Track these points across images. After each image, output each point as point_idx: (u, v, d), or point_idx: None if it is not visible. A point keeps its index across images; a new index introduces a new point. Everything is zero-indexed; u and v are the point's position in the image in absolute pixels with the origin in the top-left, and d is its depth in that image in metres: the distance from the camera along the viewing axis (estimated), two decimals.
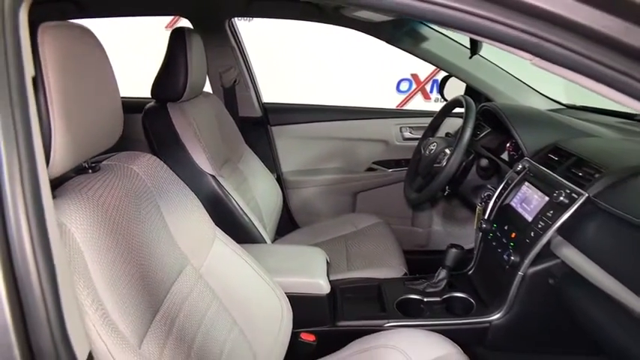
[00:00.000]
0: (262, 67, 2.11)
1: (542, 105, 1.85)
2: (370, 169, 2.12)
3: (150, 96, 1.42)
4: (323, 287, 1.23)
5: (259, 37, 2.24)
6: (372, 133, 2.09)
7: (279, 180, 2.06)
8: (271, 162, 2.04)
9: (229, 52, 1.84)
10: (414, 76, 4.28)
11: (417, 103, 4.33)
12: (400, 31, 1.77)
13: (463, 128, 1.41)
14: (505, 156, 1.62)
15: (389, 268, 1.51)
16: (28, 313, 0.42)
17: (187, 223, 0.99)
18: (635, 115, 1.62)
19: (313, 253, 1.36)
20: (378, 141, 2.09)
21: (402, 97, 4.34)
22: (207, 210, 1.04)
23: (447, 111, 1.72)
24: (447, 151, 1.50)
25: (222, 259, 1.05)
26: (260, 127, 2.02)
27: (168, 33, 1.41)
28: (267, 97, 2.11)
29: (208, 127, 1.51)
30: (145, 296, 0.79)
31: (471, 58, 1.61)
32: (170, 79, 1.36)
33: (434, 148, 1.57)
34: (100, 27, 1.11)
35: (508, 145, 1.62)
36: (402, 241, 1.74)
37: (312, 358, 1.16)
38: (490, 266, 1.35)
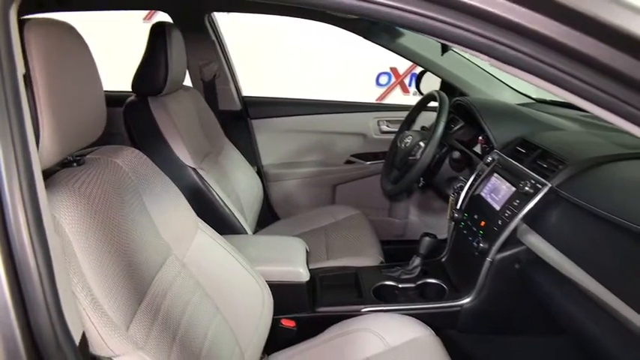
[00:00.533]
0: (241, 61, 2.14)
1: (513, 99, 1.92)
2: (349, 162, 2.17)
3: (129, 89, 1.43)
4: (302, 275, 1.28)
5: (238, 30, 2.26)
6: (351, 127, 2.14)
7: (260, 173, 2.09)
8: (251, 155, 2.07)
9: (209, 46, 1.86)
10: (393, 69, 4.34)
11: (396, 97, 4.40)
12: (377, 27, 1.82)
13: (437, 122, 1.47)
14: (478, 149, 1.68)
15: (366, 257, 1.56)
16: (27, 295, 0.46)
17: (170, 215, 1.02)
18: None
19: (293, 243, 1.41)
20: (357, 134, 2.14)
21: (382, 90, 4.40)
22: (188, 202, 1.07)
23: (422, 105, 1.77)
24: (422, 144, 1.56)
25: (204, 249, 1.09)
26: (240, 120, 2.05)
27: (145, 25, 1.43)
28: (247, 91, 2.14)
29: (189, 121, 1.54)
30: (131, 284, 0.82)
31: (442, 55, 1.67)
32: (150, 73, 1.38)
33: (409, 141, 1.62)
34: (77, 18, 1.12)
35: (480, 138, 1.69)
36: (379, 231, 1.80)
37: (293, 343, 1.21)
38: (462, 253, 1.42)
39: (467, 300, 1.29)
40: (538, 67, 0.51)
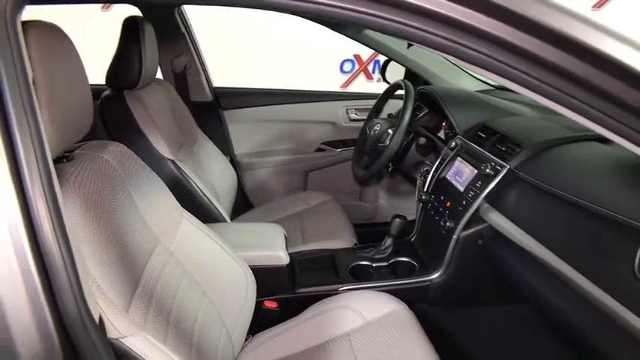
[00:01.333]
0: (208, 52, 2.15)
1: (473, 86, 2.03)
2: (319, 150, 2.24)
3: (98, 82, 1.44)
4: (283, 259, 1.35)
5: (201, 20, 2.26)
6: (320, 115, 2.20)
7: (233, 162, 2.13)
8: (224, 145, 2.10)
9: (180, 38, 1.87)
10: (357, 57, 4.40)
11: (360, 83, 4.47)
12: None
13: (403, 110, 1.55)
14: (441, 134, 1.78)
15: (340, 240, 1.64)
16: (54, 281, 0.50)
17: (156, 206, 1.07)
18: None
19: (272, 229, 1.47)
20: (326, 123, 2.21)
21: (346, 77, 4.46)
22: None
23: (388, 94, 1.86)
24: (390, 131, 1.64)
25: (189, 237, 1.14)
26: (212, 111, 2.08)
27: (105, 14, 1.43)
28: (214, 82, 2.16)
29: (163, 113, 1.56)
30: (126, 273, 0.86)
31: (408, 48, 1.75)
32: (125, 67, 1.40)
33: (378, 128, 1.71)
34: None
35: (444, 124, 1.79)
36: (351, 215, 1.88)
37: (276, 323, 1.28)
38: (429, 232, 1.52)
39: (436, 275, 1.39)
40: (496, 65, 0.60)
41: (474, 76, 2.07)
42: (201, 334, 1.04)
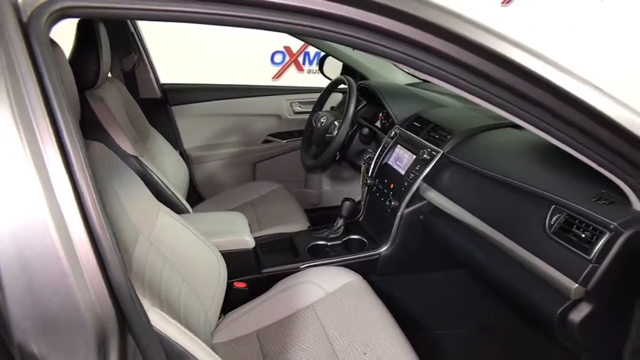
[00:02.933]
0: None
1: (404, 80, 2.25)
2: (266, 141, 2.36)
3: None
4: (249, 242, 1.47)
5: None
6: (266, 109, 2.32)
7: (183, 156, 2.20)
8: (173, 139, 2.16)
9: (129, 37, 1.90)
10: (287, 48, 4.49)
11: (292, 75, 4.58)
12: None
13: (348, 104, 1.72)
14: (378, 124, 1.98)
15: (295, 224, 1.80)
16: (105, 259, 0.61)
17: (136, 200, 1.15)
18: None
19: (235, 216, 1.59)
20: (272, 115, 2.33)
21: (277, 68, 4.55)
22: None
23: (331, 88, 2.02)
24: (336, 123, 1.81)
25: (167, 228, 1.23)
26: (161, 107, 2.13)
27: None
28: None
29: (120, 111, 1.61)
30: None
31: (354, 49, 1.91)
32: (85, 68, 1.43)
33: (324, 120, 1.87)
34: None
35: (380, 115, 1.99)
36: (297, 202, 2.04)
37: (245, 302, 1.41)
38: (376, 212, 1.71)
39: (383, 249, 1.59)
40: (396, 56, 0.77)
41: (404, 71, 2.29)
42: (185, 315, 1.15)
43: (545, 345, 1.37)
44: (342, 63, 2.26)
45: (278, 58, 4.58)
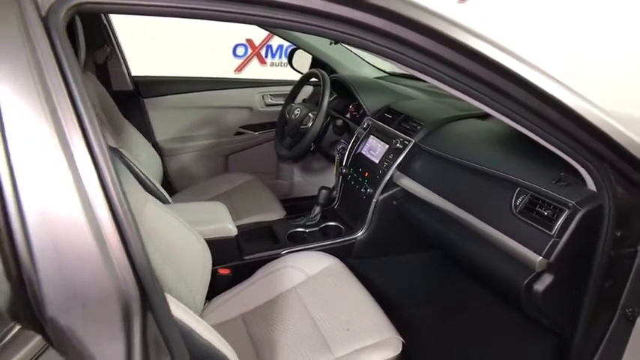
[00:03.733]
0: None
1: (372, 73, 2.33)
2: (239, 133, 2.39)
3: None
4: (231, 230, 1.52)
5: None
6: (238, 101, 2.34)
7: (155, 148, 2.19)
8: (146, 132, 2.15)
9: (102, 30, 1.89)
10: (249, 41, 4.47)
11: (254, 68, 4.58)
12: None
13: (322, 96, 1.79)
14: (348, 116, 2.06)
15: (272, 213, 1.85)
16: (128, 239, 0.65)
17: (128, 190, 1.17)
18: None
19: (216, 206, 1.63)
20: (244, 108, 2.36)
21: (239, 61, 4.53)
22: None
23: (303, 82, 2.08)
24: (311, 115, 1.87)
25: (155, 218, 1.26)
26: (133, 99, 2.12)
27: None
28: None
29: (95, 104, 1.61)
30: None
31: (335, 44, 1.96)
32: None
33: (298, 113, 1.93)
34: None
35: (351, 107, 2.07)
36: None
37: (229, 287, 1.46)
38: (351, 199, 1.80)
39: (360, 233, 1.67)
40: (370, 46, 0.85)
41: (372, 65, 2.38)
42: (177, 299, 1.18)
43: (510, 318, 1.50)
44: (310, 56, 2.32)
45: (240, 50, 4.55)
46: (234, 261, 1.56)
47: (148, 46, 3.88)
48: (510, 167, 1.20)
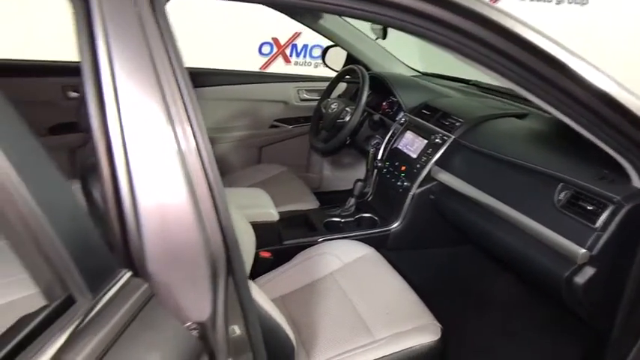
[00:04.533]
0: None
1: (405, 72, 2.38)
2: (273, 126, 2.45)
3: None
4: (274, 215, 1.57)
5: None
6: (274, 95, 2.40)
7: None
8: None
9: None
10: (275, 40, 4.52)
11: (279, 66, 4.64)
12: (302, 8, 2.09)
13: (361, 92, 1.84)
14: (381, 112, 2.11)
15: (307, 202, 1.90)
16: (218, 207, 0.71)
17: None
18: (469, 80, 2.25)
19: (258, 192, 1.68)
20: (279, 102, 2.42)
21: (264, 59, 4.59)
22: None
23: (341, 77, 2.13)
24: (348, 109, 1.92)
25: None
26: None
27: None
28: None
29: None
30: None
31: (382, 39, 2.00)
32: None
33: (335, 107, 1.97)
34: None
35: (384, 104, 2.12)
36: None
37: (269, 270, 1.52)
38: (385, 192, 1.84)
39: (394, 225, 1.72)
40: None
41: (405, 64, 2.43)
42: None
43: (544, 313, 1.54)
44: (343, 55, 2.37)
45: (266, 49, 4.60)
46: (275, 245, 1.62)
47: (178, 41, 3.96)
48: (553, 163, 1.24)
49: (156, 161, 0.66)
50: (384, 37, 2.02)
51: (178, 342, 0.64)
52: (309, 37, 4.35)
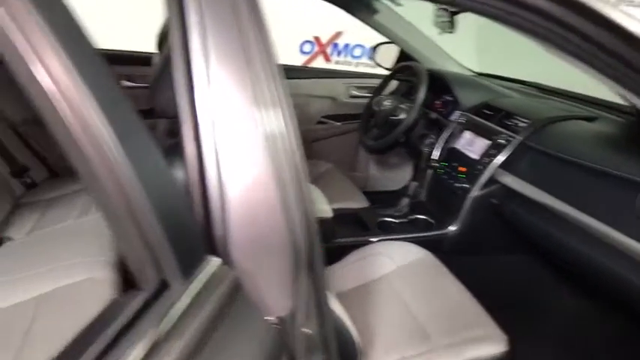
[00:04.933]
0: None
1: (460, 71, 2.30)
2: (320, 123, 2.41)
3: None
4: (328, 212, 1.53)
5: None
6: (322, 91, 2.36)
7: None
8: None
9: None
10: (317, 38, 4.52)
11: (319, 65, 4.62)
12: (359, 3, 2.05)
13: (419, 89, 1.78)
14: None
15: (357, 201, 1.85)
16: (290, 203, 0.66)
17: None
18: (526, 81, 2.15)
19: (311, 188, 1.64)
20: (327, 98, 2.38)
21: (305, 57, 4.59)
22: None
23: (395, 74, 2.07)
24: (403, 106, 1.86)
25: None
26: None
27: None
28: None
29: None
30: None
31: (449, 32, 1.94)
32: None
33: (389, 104, 1.92)
34: None
35: (437, 102, 2.04)
36: None
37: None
38: (441, 194, 1.77)
39: (451, 229, 1.64)
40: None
41: (459, 63, 2.34)
42: None
43: (615, 326, 1.44)
44: (394, 52, 2.31)
45: (307, 47, 4.61)
46: (327, 242, 1.57)
47: None
48: (632, 169, 1.15)
49: (243, 144, 0.63)
50: (452, 30, 1.92)
51: (264, 337, 0.60)
52: (352, 36, 4.32)
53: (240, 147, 0.63)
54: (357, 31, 2.99)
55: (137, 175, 0.46)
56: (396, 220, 1.72)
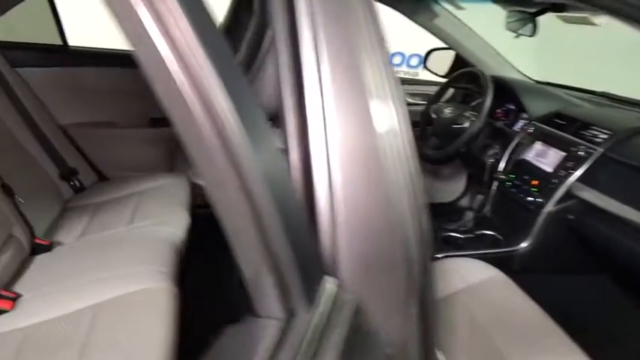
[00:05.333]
0: None
1: (517, 75, 2.18)
2: None
3: None
4: None
5: None
6: None
7: None
8: None
9: None
10: None
11: None
12: (419, 7, 1.98)
13: (485, 97, 1.68)
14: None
15: None
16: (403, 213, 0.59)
17: None
18: (594, 91, 2.02)
19: None
20: None
21: None
22: None
23: (454, 81, 1.98)
24: (467, 114, 1.77)
25: None
26: None
27: None
28: None
29: None
30: None
31: (532, 35, 1.84)
32: None
33: (450, 112, 1.83)
34: None
35: (498, 111, 1.94)
36: None
37: None
38: (508, 207, 1.66)
39: (522, 245, 1.54)
40: None
41: (519, 71, 2.24)
42: None
43: None
44: (451, 58, 2.22)
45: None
46: None
47: None
48: None
49: (355, 150, 0.56)
50: (534, 33, 1.80)
51: None
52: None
53: (353, 153, 0.56)
54: (393, 39, 2.91)
55: (266, 186, 0.40)
56: (462, 236, 1.62)
